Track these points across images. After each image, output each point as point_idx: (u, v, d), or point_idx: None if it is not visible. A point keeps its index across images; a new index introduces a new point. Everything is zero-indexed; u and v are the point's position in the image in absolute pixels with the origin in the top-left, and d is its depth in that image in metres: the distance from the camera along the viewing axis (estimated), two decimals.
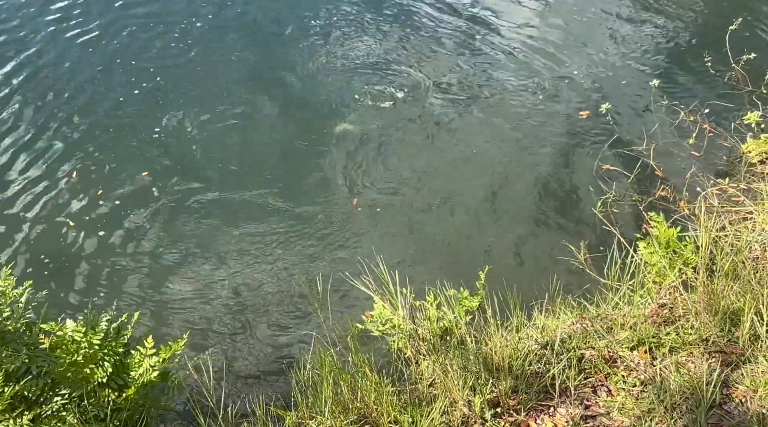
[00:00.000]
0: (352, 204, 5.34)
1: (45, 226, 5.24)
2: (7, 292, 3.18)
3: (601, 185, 5.48)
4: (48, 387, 3.07)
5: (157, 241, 5.14)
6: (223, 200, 5.47)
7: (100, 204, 5.44)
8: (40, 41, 7.45)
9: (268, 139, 6.17)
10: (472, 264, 4.82)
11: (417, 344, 3.60)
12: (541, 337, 3.67)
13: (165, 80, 6.85)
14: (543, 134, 6.13)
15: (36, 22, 7.78)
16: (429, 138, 6.14)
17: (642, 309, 3.79)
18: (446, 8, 8.05)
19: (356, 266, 4.66)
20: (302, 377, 3.45)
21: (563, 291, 4.09)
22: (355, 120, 6.34)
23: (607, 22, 7.77)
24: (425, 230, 5.23)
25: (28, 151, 5.98)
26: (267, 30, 7.70)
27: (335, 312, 4.44)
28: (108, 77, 6.90)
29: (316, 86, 6.82)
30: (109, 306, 4.49)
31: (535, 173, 5.72)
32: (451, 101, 6.56)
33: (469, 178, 5.68)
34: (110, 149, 6.01)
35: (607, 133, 6.09)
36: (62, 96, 6.64)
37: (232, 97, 6.64)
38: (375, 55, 7.23)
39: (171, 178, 5.69)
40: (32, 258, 4.96)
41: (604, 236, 4.97)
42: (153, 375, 3.19)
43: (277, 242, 5.09)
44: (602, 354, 3.47)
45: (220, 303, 4.68)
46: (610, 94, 6.60)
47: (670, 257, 4.08)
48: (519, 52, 7.26)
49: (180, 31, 7.59)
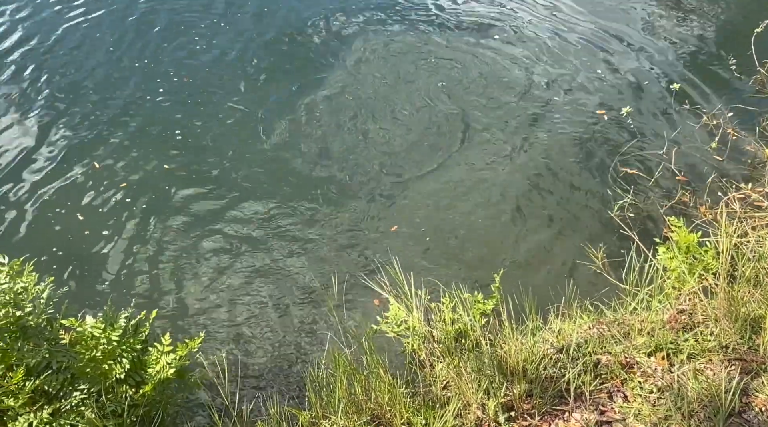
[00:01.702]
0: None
1: (65, 221, 5.32)
2: (29, 288, 3.24)
3: (619, 189, 5.42)
4: (67, 382, 3.12)
5: (174, 240, 5.19)
6: (241, 200, 5.51)
7: (120, 201, 5.51)
8: (68, 38, 7.59)
9: (287, 139, 6.20)
10: (488, 267, 4.81)
11: (431, 346, 3.59)
12: (556, 341, 3.64)
13: (190, 79, 6.94)
14: (562, 136, 6.09)
15: (62, 19, 7.94)
16: (447, 139, 6.12)
17: (660, 315, 3.74)
18: (465, 8, 8.05)
19: (372, 267, 4.68)
20: (316, 376, 3.46)
21: (580, 295, 4.05)
22: (374, 120, 6.36)
23: (629, 24, 7.70)
24: (441, 231, 5.22)
25: (50, 145, 6.07)
26: (292, 29, 7.76)
27: (350, 313, 4.45)
28: (133, 75, 7.01)
29: (337, 86, 6.84)
30: (127, 303, 4.55)
31: (553, 175, 5.68)
32: (468, 102, 6.54)
33: (485, 179, 5.66)
34: (131, 146, 6.09)
35: (626, 136, 6.03)
36: (88, 93, 6.77)
37: (255, 97, 6.70)
38: (389, 57, 7.26)
39: (191, 176, 5.75)
40: (52, 254, 5.04)
41: (622, 240, 4.91)
42: (169, 372, 3.22)
43: (295, 242, 5.12)
44: (619, 359, 3.43)
45: (235, 302, 4.71)
46: (631, 97, 6.54)
47: (690, 262, 4.03)
48: (539, 53, 7.22)
49: (204, 30, 7.69)
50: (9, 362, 2.99)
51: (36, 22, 7.99)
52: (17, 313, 3.10)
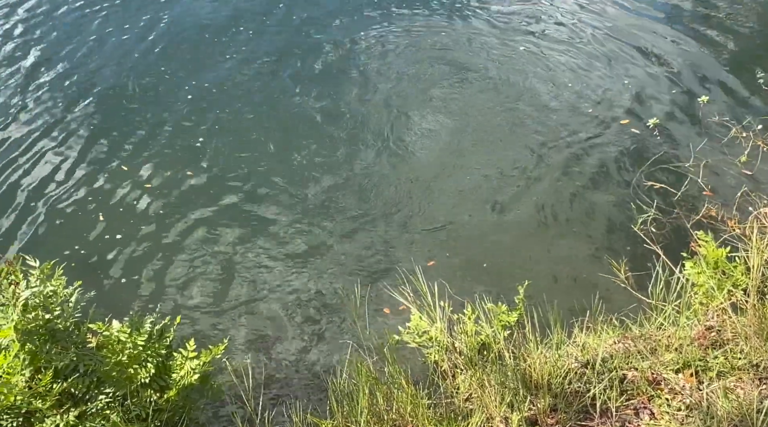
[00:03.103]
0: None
1: (91, 225, 5.41)
2: (58, 291, 3.29)
3: (643, 202, 5.35)
4: (94, 385, 3.15)
5: (199, 246, 5.24)
6: (264, 208, 5.56)
7: (144, 206, 5.58)
8: (96, 44, 7.76)
9: (310, 148, 6.24)
10: (511, 278, 4.77)
11: (454, 358, 3.57)
12: (581, 355, 3.59)
13: (215, 88, 7.03)
14: (586, 147, 6.04)
15: (97, 29, 8.12)
16: (468, 147, 6.11)
17: (688, 331, 3.67)
18: (490, 18, 8.06)
19: (394, 277, 4.67)
20: (338, 385, 3.45)
21: (605, 309, 4.00)
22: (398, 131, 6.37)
23: (656, 36, 7.64)
24: (464, 242, 5.20)
25: (80, 149, 6.21)
26: (319, 38, 7.83)
27: (372, 321, 4.44)
28: (161, 82, 7.13)
29: (353, 95, 6.88)
30: (152, 308, 4.60)
31: (577, 187, 5.64)
32: (491, 112, 6.53)
33: (509, 189, 5.63)
34: (157, 151, 6.18)
35: (652, 149, 5.96)
36: (116, 96, 6.90)
37: (282, 106, 6.77)
38: (410, 63, 7.28)
39: (215, 182, 5.81)
40: (79, 256, 5.13)
41: (647, 254, 4.84)
42: (193, 378, 3.24)
43: (318, 251, 5.14)
44: (645, 375, 3.37)
45: (259, 309, 4.74)
46: (657, 108, 6.47)
47: (718, 277, 3.95)
48: (565, 63, 7.19)
49: (228, 39, 7.80)
50: (38, 364, 3.02)
51: (67, 31, 8.19)
52: (46, 316, 3.14)
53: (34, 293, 3.15)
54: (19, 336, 2.89)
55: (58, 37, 8.07)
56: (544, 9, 8.43)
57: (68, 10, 8.62)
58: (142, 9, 8.57)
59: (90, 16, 8.49)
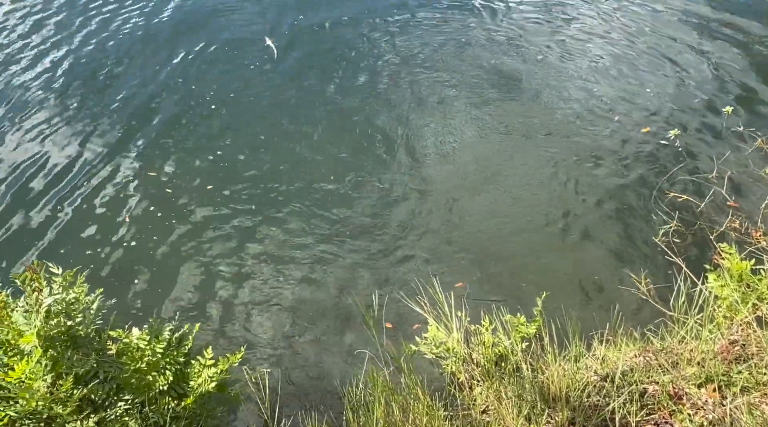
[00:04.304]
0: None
1: (114, 232, 5.49)
2: (80, 298, 3.34)
3: (664, 214, 5.28)
4: (113, 392, 3.19)
5: (218, 256, 5.29)
6: (281, 218, 5.59)
7: (165, 215, 5.66)
8: (127, 52, 7.93)
9: (333, 159, 6.27)
10: (529, 289, 4.74)
11: (471, 369, 3.54)
12: (600, 368, 3.54)
13: (243, 98, 7.14)
14: (608, 157, 5.99)
15: (122, 36, 8.30)
16: (490, 156, 6.10)
17: (711, 345, 3.59)
18: (515, 25, 8.07)
19: (412, 287, 4.66)
20: (354, 395, 3.45)
21: (625, 322, 3.94)
22: (415, 137, 6.39)
23: (679, 45, 7.57)
24: (483, 252, 5.17)
25: (104, 160, 6.32)
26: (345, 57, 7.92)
27: (389, 332, 4.43)
28: (189, 90, 7.26)
29: (381, 110, 6.92)
30: (172, 316, 4.65)
31: (598, 197, 5.58)
32: (512, 119, 6.51)
33: (528, 200, 5.59)
34: (181, 158, 6.28)
35: (673, 159, 5.89)
36: (142, 108, 7.04)
37: (302, 121, 6.83)
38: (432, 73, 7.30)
39: (234, 193, 5.87)
40: (101, 262, 5.20)
41: (668, 266, 4.77)
42: (211, 386, 3.26)
43: (335, 261, 5.15)
44: (667, 390, 3.30)
45: (276, 317, 4.75)
46: (680, 119, 6.40)
47: (742, 290, 3.87)
48: (587, 72, 7.15)
49: (256, 49, 7.92)
50: (59, 370, 3.07)
51: (90, 39, 8.38)
52: (68, 322, 3.19)
53: (57, 299, 3.21)
54: (41, 342, 2.93)
55: (84, 44, 8.26)
56: (569, 14, 8.43)
57: (87, 18, 8.84)
58: (170, 18, 8.76)
59: (115, 22, 8.69)
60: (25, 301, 3.10)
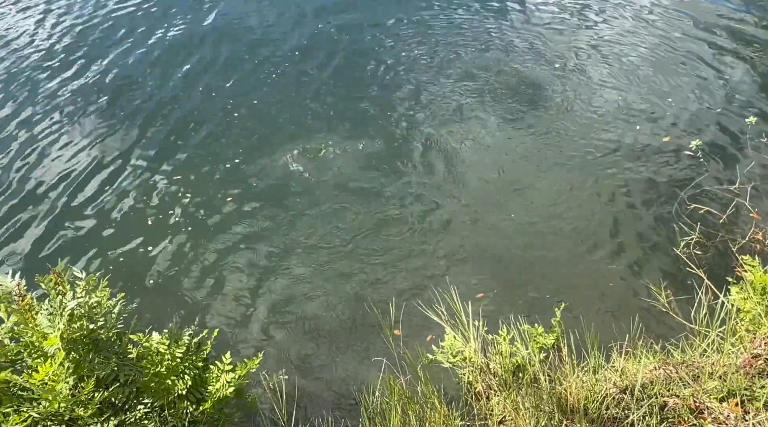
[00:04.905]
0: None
1: (136, 236, 5.57)
2: (102, 302, 3.39)
3: (686, 225, 5.21)
4: (133, 395, 3.23)
5: (238, 263, 5.33)
6: (300, 227, 5.62)
7: (184, 222, 5.73)
8: (165, 78, 8.07)
9: (351, 169, 6.31)
10: (547, 300, 4.70)
11: (488, 379, 3.52)
12: (619, 380, 3.50)
13: (263, 106, 7.22)
14: (628, 167, 5.94)
15: (147, 44, 8.45)
16: (510, 166, 6.08)
17: (733, 358, 3.53)
18: (538, 35, 8.06)
19: (429, 295, 4.65)
20: (371, 403, 3.45)
21: (644, 334, 3.89)
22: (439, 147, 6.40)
23: (704, 56, 7.50)
24: (502, 262, 5.15)
25: (130, 169, 6.43)
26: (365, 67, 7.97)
27: (406, 340, 4.43)
28: (213, 97, 7.36)
29: (403, 118, 6.95)
30: (191, 321, 4.70)
31: (618, 207, 5.53)
32: (535, 130, 6.50)
33: (550, 211, 5.56)
34: (203, 165, 6.36)
35: (696, 169, 5.82)
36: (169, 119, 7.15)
37: (324, 131, 6.89)
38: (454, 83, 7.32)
39: (255, 202, 5.92)
40: (121, 268, 5.28)
41: (689, 278, 4.71)
42: (229, 391, 3.29)
43: (352, 269, 5.16)
44: (687, 403, 3.25)
45: (294, 325, 4.78)
46: (702, 129, 6.33)
47: (766, 303, 3.80)
48: (610, 81, 7.12)
49: (275, 65, 8.01)
50: (81, 372, 3.12)
51: (115, 47, 8.54)
52: (90, 326, 3.24)
53: (80, 303, 3.26)
54: (64, 345, 2.98)
55: (116, 53, 8.42)
56: (592, 19, 8.40)
57: (108, 29, 9.02)
58: (191, 25, 8.91)
59: (137, 27, 8.86)
60: (49, 304, 3.15)
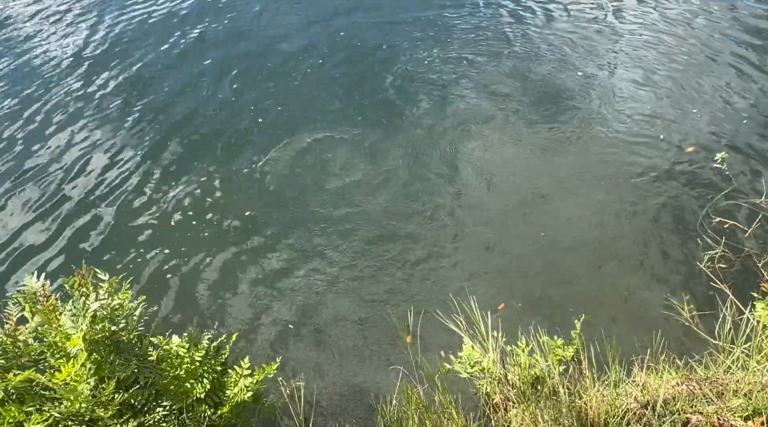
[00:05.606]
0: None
1: (156, 240, 5.64)
2: (124, 304, 3.43)
3: (710, 239, 5.13)
4: (152, 398, 3.26)
5: (257, 268, 5.37)
6: (320, 234, 5.64)
7: (206, 227, 5.78)
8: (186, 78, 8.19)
9: (370, 176, 6.32)
10: (568, 312, 4.65)
11: (506, 390, 3.49)
12: (641, 395, 3.44)
13: (286, 112, 7.28)
14: (652, 179, 5.87)
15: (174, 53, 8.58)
16: (534, 177, 6.05)
17: (759, 376, 3.45)
18: (564, 43, 8.03)
19: (448, 305, 4.63)
20: (388, 411, 3.44)
21: (666, 348, 3.83)
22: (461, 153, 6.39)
23: (727, 64, 7.39)
24: (522, 272, 5.11)
25: (155, 172, 6.52)
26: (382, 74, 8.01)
27: (423, 349, 4.41)
28: (233, 112, 7.45)
29: (424, 125, 6.96)
30: (210, 325, 4.73)
31: (641, 220, 5.46)
32: (557, 139, 6.45)
33: (572, 223, 5.51)
34: (227, 170, 6.43)
35: (721, 182, 5.73)
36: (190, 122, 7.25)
37: (348, 141, 6.93)
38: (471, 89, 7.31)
39: (275, 210, 5.96)
40: (143, 270, 5.34)
41: (714, 293, 4.63)
42: (247, 395, 3.30)
43: (372, 277, 5.16)
44: (711, 421, 3.19)
45: (313, 331, 4.79)
46: (728, 140, 6.23)
47: None
48: (634, 87, 7.05)
49: (302, 65, 8.08)
50: (102, 374, 3.15)
51: (142, 55, 8.69)
52: (112, 328, 3.28)
53: (103, 305, 3.30)
54: (86, 346, 3.02)
55: (135, 58, 8.57)
56: (616, 27, 8.34)
57: (135, 37, 9.18)
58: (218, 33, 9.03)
59: (172, 34, 9.01)
60: (73, 305, 3.20)
